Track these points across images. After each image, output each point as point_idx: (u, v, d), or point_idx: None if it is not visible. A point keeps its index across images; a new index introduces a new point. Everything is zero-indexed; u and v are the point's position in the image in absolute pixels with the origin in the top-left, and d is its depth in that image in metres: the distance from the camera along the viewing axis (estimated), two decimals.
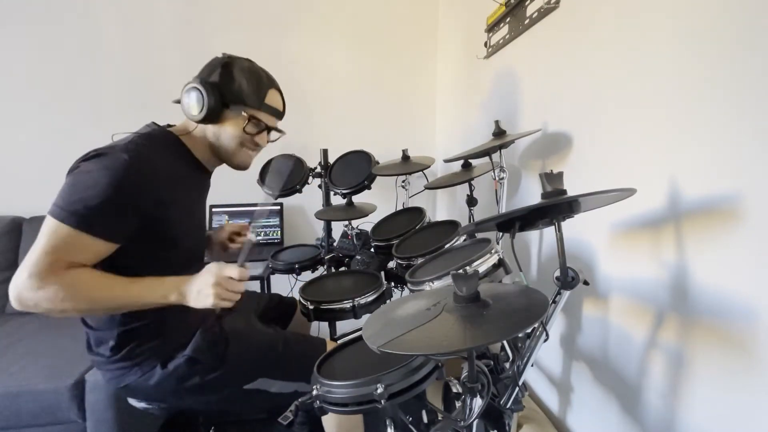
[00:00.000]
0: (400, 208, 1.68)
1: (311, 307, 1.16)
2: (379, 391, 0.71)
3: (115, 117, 2.05)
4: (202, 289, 0.84)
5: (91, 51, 2.02)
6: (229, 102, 0.95)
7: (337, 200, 1.77)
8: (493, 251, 0.90)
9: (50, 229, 0.78)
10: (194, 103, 0.92)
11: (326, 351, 1.03)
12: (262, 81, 0.99)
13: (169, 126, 1.01)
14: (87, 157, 0.84)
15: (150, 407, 1.01)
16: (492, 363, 0.98)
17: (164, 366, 0.93)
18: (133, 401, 1.02)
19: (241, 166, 1.04)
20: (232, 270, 0.85)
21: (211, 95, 0.91)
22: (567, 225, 0.76)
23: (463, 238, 1.16)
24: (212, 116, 0.94)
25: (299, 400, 1.32)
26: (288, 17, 2.17)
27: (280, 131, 1.07)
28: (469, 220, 1.49)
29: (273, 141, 1.08)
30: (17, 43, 1.97)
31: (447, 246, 1.13)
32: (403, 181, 1.70)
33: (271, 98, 1.01)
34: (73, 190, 0.80)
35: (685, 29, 0.74)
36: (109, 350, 0.92)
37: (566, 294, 0.77)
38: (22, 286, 0.76)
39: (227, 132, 0.98)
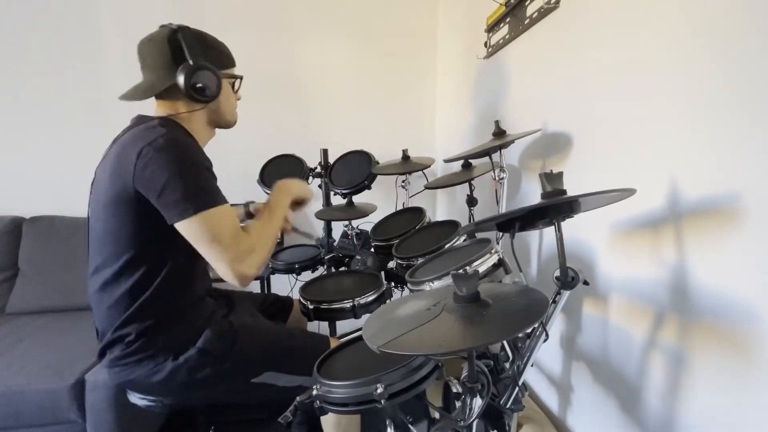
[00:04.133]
0: (400, 208, 1.68)
1: (311, 306, 1.16)
2: (379, 391, 0.71)
3: (115, 117, 2.04)
4: (302, 186, 1.14)
5: (90, 51, 2.02)
6: (222, 69, 0.99)
7: (337, 200, 1.77)
8: (493, 251, 0.90)
9: (211, 220, 0.85)
10: (208, 84, 0.93)
11: (329, 347, 1.04)
12: (220, 41, 1.03)
13: (149, 116, 0.99)
14: (151, 156, 0.84)
15: (153, 404, 1.01)
16: (492, 363, 0.98)
17: (176, 358, 0.94)
18: (135, 397, 1.02)
19: (235, 123, 1.10)
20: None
21: (214, 71, 0.94)
22: (567, 225, 0.76)
23: (463, 238, 1.16)
24: (221, 90, 0.97)
25: (298, 399, 1.33)
26: (288, 17, 2.17)
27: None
28: (469, 220, 1.49)
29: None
30: (17, 43, 1.97)
31: (447, 246, 1.13)
32: (403, 181, 1.70)
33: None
34: (187, 183, 0.84)
35: (685, 29, 0.74)
36: (125, 345, 0.93)
37: (566, 294, 0.77)
38: (244, 269, 0.87)
39: (225, 98, 1.02)
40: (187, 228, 0.85)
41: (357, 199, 1.65)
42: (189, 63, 0.91)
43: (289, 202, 1.08)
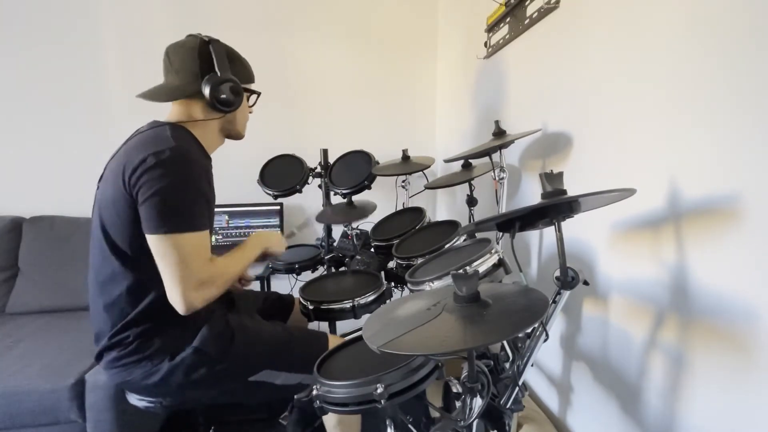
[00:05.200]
0: (400, 208, 1.68)
1: (311, 307, 1.16)
2: (379, 391, 0.71)
3: (115, 118, 2.05)
4: (278, 241, 1.16)
5: (90, 52, 2.02)
6: (244, 83, 1.02)
7: (337, 200, 1.77)
8: (493, 251, 0.90)
9: (181, 243, 0.85)
10: (232, 97, 0.96)
11: (328, 344, 1.04)
12: (242, 56, 1.06)
13: (162, 122, 0.99)
14: (151, 165, 0.85)
15: (152, 405, 1.01)
16: (492, 363, 0.98)
17: (172, 358, 0.94)
18: (134, 398, 1.02)
19: (243, 136, 1.12)
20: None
21: (239, 84, 0.98)
22: (567, 225, 0.76)
23: (463, 238, 1.16)
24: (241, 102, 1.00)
25: (295, 398, 1.33)
26: (288, 17, 2.17)
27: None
28: (469, 220, 1.49)
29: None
30: (17, 43, 1.97)
31: (447, 246, 1.13)
32: (403, 181, 1.70)
33: None
34: (175, 202, 0.85)
35: (685, 29, 0.74)
36: (123, 346, 0.93)
37: (566, 294, 0.77)
38: (193, 298, 0.87)
39: (241, 111, 1.05)
40: (156, 243, 0.85)
41: (357, 199, 1.65)
42: (217, 74, 0.95)
43: (259, 254, 1.09)
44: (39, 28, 1.97)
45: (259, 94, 1.10)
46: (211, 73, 0.95)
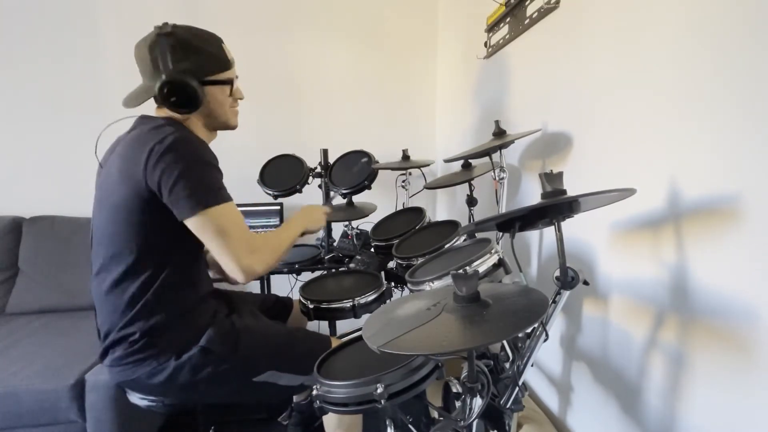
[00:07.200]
0: (400, 208, 1.68)
1: (311, 306, 1.16)
2: (379, 391, 0.71)
3: (115, 117, 2.05)
4: (318, 218, 1.20)
5: (90, 52, 2.02)
6: (207, 76, 0.96)
7: (337, 200, 1.77)
8: (493, 251, 0.90)
9: (219, 216, 0.88)
10: (184, 96, 0.91)
11: (330, 347, 1.04)
12: (215, 40, 1.00)
13: (153, 116, 1.00)
14: (161, 153, 0.85)
15: (153, 404, 1.01)
16: (492, 363, 0.98)
17: (178, 357, 0.94)
18: (136, 397, 1.02)
19: (236, 126, 1.10)
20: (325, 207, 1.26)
21: (193, 80, 0.91)
22: (567, 225, 0.76)
23: (463, 238, 1.16)
24: (203, 99, 0.94)
25: (294, 401, 1.33)
26: (288, 17, 2.17)
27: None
28: (469, 220, 1.49)
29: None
30: (17, 43, 1.96)
31: (447, 246, 1.13)
32: (403, 181, 1.70)
33: (227, 51, 1.01)
34: (198, 180, 0.87)
35: (686, 29, 0.74)
36: (128, 344, 0.93)
37: (566, 294, 0.77)
38: (250, 262, 0.90)
39: (216, 104, 1.00)
40: (196, 223, 0.87)
41: (357, 199, 1.65)
42: (162, 76, 0.89)
43: (301, 231, 1.14)
44: (39, 29, 1.97)
45: (231, 83, 1.01)
46: (156, 74, 0.90)
